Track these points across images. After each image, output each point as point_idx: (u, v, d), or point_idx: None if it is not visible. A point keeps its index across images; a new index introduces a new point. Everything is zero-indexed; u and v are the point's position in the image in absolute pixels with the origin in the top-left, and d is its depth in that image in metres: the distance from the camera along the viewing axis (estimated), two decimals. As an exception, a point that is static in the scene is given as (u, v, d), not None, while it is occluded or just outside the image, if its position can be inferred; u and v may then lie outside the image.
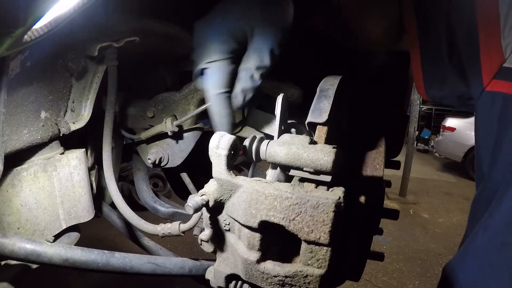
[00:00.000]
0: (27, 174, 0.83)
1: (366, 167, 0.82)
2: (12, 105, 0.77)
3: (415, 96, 5.74)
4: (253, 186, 0.62)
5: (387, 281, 3.54)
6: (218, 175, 0.64)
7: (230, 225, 0.68)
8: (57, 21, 0.56)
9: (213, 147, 0.63)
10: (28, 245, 0.73)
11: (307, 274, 0.61)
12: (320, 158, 0.58)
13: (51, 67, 0.85)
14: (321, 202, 0.56)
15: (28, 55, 0.76)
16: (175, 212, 1.23)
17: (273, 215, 0.59)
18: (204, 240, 0.71)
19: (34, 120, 0.83)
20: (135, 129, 1.14)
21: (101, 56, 0.92)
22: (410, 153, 5.88)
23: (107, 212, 1.18)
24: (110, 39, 0.89)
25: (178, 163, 1.13)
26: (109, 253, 0.79)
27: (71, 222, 0.95)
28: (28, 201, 0.83)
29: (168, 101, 1.06)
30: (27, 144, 0.82)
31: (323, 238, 0.57)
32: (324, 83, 0.74)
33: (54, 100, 0.89)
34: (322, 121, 0.66)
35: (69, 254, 0.75)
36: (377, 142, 0.86)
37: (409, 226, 5.06)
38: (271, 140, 0.66)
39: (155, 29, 1.01)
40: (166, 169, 1.18)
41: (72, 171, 0.94)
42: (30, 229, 0.84)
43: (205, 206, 0.64)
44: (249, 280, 0.68)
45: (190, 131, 1.09)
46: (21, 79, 0.77)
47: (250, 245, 0.64)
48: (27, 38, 0.54)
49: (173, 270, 0.85)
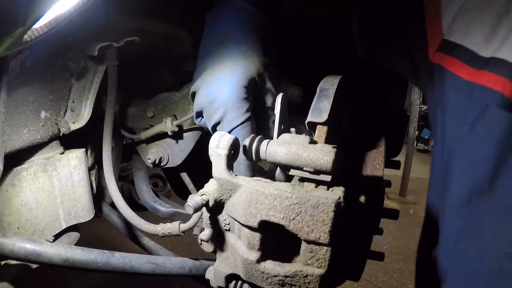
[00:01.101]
0: (27, 174, 0.83)
1: (366, 167, 0.82)
2: (12, 105, 0.77)
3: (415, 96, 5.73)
4: (253, 186, 0.62)
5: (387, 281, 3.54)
6: (218, 175, 0.64)
7: (230, 224, 0.68)
8: (57, 21, 0.56)
9: (213, 147, 0.63)
10: (28, 245, 0.73)
11: (307, 274, 0.61)
12: (320, 158, 0.58)
13: (51, 67, 0.85)
14: (321, 201, 0.56)
15: (28, 55, 0.76)
16: (175, 212, 1.23)
17: (273, 215, 0.59)
18: (204, 240, 0.71)
19: (34, 120, 0.83)
20: (135, 129, 1.14)
21: (101, 56, 0.92)
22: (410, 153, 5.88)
23: (107, 212, 1.18)
24: (110, 39, 0.89)
25: (178, 163, 1.13)
26: (109, 253, 0.79)
27: (71, 222, 0.95)
28: (28, 201, 0.83)
29: (168, 101, 1.06)
30: (27, 144, 0.82)
31: (323, 237, 0.57)
32: (324, 83, 0.74)
33: (54, 100, 0.89)
34: (322, 121, 0.66)
35: (69, 254, 0.75)
36: (377, 142, 0.86)
37: (409, 226, 5.06)
38: (271, 140, 0.66)
39: (155, 29, 1.01)
40: (166, 169, 1.18)
41: (72, 171, 0.94)
42: (30, 229, 0.84)
43: (205, 206, 0.64)
44: (249, 280, 0.68)
45: (190, 131, 1.09)
46: (21, 79, 0.77)
47: (250, 245, 0.64)
48: (27, 38, 0.54)
49: (173, 270, 0.85)
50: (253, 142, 0.65)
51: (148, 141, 1.14)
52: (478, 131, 0.74)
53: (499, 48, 0.71)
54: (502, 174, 0.73)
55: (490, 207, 0.75)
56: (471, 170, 0.76)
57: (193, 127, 1.08)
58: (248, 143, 0.66)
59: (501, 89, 0.70)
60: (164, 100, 1.06)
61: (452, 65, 0.77)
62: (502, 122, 0.71)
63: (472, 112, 0.74)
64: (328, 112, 0.66)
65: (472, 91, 0.74)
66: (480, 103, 0.73)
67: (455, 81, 0.76)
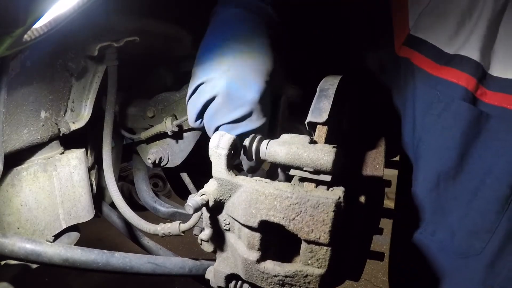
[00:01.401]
0: (27, 174, 0.83)
1: (366, 167, 0.82)
2: (12, 105, 0.77)
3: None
4: (253, 186, 0.62)
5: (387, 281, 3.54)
6: (218, 175, 0.64)
7: (230, 224, 0.68)
8: (57, 20, 0.56)
9: (213, 147, 0.63)
10: (28, 245, 0.73)
11: (307, 274, 0.61)
12: (320, 158, 0.58)
13: (51, 67, 0.85)
14: (321, 201, 0.56)
15: (28, 55, 0.76)
16: (175, 212, 1.23)
17: (273, 215, 0.59)
18: (204, 240, 0.71)
19: (34, 120, 0.83)
20: (135, 129, 1.14)
21: (101, 56, 0.92)
22: (410, 153, 5.87)
23: (107, 212, 1.18)
24: (110, 39, 0.89)
25: (178, 163, 1.13)
26: (109, 253, 0.79)
27: (71, 222, 0.95)
28: (28, 201, 0.83)
29: (168, 101, 1.06)
30: (27, 144, 0.82)
31: (323, 237, 0.57)
32: (324, 83, 0.74)
33: (54, 100, 0.89)
34: (322, 121, 0.66)
35: (69, 254, 0.75)
36: (377, 142, 0.86)
37: (409, 226, 5.04)
38: (271, 140, 0.66)
39: (155, 29, 1.01)
40: (166, 169, 1.18)
41: (72, 171, 0.94)
42: (30, 229, 0.84)
43: (205, 206, 0.64)
44: (249, 280, 0.68)
45: (190, 131, 1.09)
46: (21, 79, 0.77)
47: (250, 245, 0.64)
48: (27, 38, 0.54)
49: (173, 270, 0.85)
50: (253, 142, 0.65)
51: (148, 141, 1.14)
52: (443, 122, 0.80)
53: (462, 46, 0.76)
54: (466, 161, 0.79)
55: (456, 191, 0.81)
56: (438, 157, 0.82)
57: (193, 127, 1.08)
58: (248, 143, 0.66)
59: (465, 84, 0.76)
60: (164, 100, 1.06)
61: (418, 59, 0.82)
62: (466, 113, 0.76)
63: (438, 104, 0.79)
64: (328, 112, 0.66)
65: (437, 85, 0.79)
66: (445, 96, 0.78)
67: (422, 75, 0.81)
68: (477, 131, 0.77)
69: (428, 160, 0.84)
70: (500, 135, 0.75)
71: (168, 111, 1.06)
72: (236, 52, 0.75)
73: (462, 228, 0.81)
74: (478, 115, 0.76)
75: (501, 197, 0.76)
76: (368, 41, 0.99)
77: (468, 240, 0.80)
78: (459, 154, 0.79)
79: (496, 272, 0.77)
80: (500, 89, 0.75)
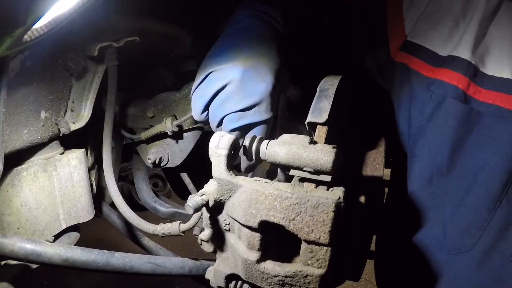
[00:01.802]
0: (27, 174, 0.83)
1: (366, 167, 0.82)
2: (12, 105, 0.77)
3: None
4: (253, 186, 0.62)
5: (387, 281, 3.53)
6: (218, 175, 0.64)
7: (230, 225, 0.68)
8: (57, 21, 0.56)
9: (213, 147, 0.63)
10: (28, 245, 0.73)
11: (307, 274, 0.61)
12: (320, 158, 0.58)
13: (51, 67, 0.85)
14: (321, 202, 0.56)
15: (28, 55, 0.76)
16: (175, 212, 1.23)
17: (273, 215, 0.59)
18: (204, 240, 0.71)
19: (34, 120, 0.83)
20: (135, 129, 1.14)
21: (101, 56, 0.92)
22: (410, 153, 5.87)
23: (107, 212, 1.18)
24: (110, 39, 0.89)
25: (178, 163, 1.13)
26: (109, 253, 0.79)
27: (71, 222, 0.95)
28: (28, 201, 0.83)
29: (168, 101, 1.06)
30: (27, 144, 0.82)
31: (323, 238, 0.57)
32: (324, 83, 0.74)
33: (54, 100, 0.89)
34: (322, 121, 0.66)
35: (69, 254, 0.75)
36: (377, 142, 0.86)
37: (409, 226, 5.04)
38: (271, 140, 0.66)
39: (155, 29, 1.01)
40: (166, 169, 1.18)
41: (72, 171, 0.94)
42: (30, 229, 0.84)
43: (205, 206, 0.64)
44: (249, 280, 0.68)
45: (190, 131, 1.09)
46: (21, 79, 0.77)
47: (250, 245, 0.64)
48: (27, 38, 0.54)
49: (173, 270, 0.85)
50: (253, 142, 0.65)
51: (148, 141, 1.14)
52: (436, 120, 0.81)
53: (455, 47, 0.79)
54: (458, 158, 0.80)
55: (449, 188, 0.82)
56: (431, 154, 0.83)
57: (193, 127, 1.08)
58: (248, 143, 0.65)
59: (455, 83, 0.78)
60: (164, 100, 1.06)
61: (415, 64, 0.85)
62: (458, 111, 0.78)
63: (430, 104, 0.82)
64: (328, 112, 0.66)
65: (430, 86, 0.81)
66: (437, 96, 0.80)
67: (418, 78, 0.84)
68: (469, 128, 0.78)
69: (422, 157, 0.86)
70: (493, 133, 0.76)
71: (168, 111, 1.06)
72: (252, 50, 0.81)
73: (454, 224, 0.82)
74: (469, 112, 0.77)
75: (493, 194, 0.76)
76: (365, 42, 1.00)
77: (460, 236, 0.81)
78: (451, 151, 0.80)
79: (488, 268, 0.78)
80: (493, 88, 0.76)
